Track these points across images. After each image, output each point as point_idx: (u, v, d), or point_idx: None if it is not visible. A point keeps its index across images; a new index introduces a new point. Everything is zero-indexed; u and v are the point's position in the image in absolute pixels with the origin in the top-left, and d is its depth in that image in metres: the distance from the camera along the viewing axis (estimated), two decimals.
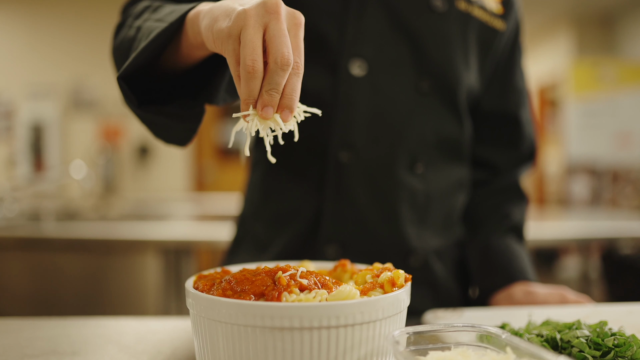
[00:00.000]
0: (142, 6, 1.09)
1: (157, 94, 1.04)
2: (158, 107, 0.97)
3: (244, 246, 1.38)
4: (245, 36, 0.73)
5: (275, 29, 0.73)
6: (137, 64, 0.92)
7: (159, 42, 0.91)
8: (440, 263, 1.33)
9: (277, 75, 0.72)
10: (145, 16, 1.04)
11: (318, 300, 0.70)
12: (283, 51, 0.72)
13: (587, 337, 0.84)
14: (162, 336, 1.02)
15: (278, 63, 0.72)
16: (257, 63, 0.72)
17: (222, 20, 0.77)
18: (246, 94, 0.73)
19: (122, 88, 0.93)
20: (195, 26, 0.87)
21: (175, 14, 0.92)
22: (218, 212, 4.65)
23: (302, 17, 0.77)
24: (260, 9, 0.74)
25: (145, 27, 0.98)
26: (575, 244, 4.72)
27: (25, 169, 7.70)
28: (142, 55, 0.91)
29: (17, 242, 3.19)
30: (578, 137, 7.90)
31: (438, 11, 1.25)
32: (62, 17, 7.74)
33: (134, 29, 1.04)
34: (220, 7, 0.81)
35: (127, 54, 1.02)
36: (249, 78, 0.72)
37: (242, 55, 0.72)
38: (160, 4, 1.07)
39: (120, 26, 1.14)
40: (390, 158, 1.24)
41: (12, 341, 0.98)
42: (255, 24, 0.73)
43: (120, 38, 1.09)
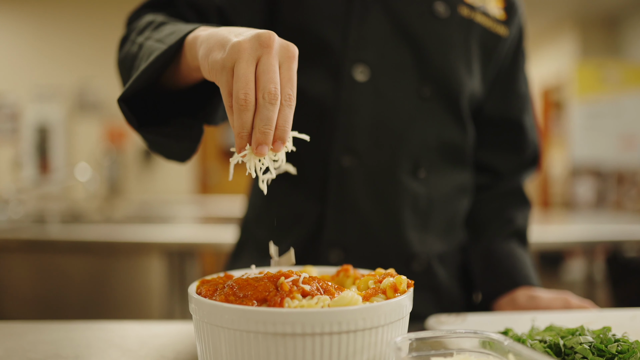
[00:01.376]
0: (146, 21, 1.11)
1: (157, 111, 1.05)
2: (158, 128, 0.99)
3: (247, 250, 1.38)
4: (238, 70, 0.74)
5: (265, 64, 0.74)
6: (137, 86, 0.93)
7: (157, 65, 0.92)
8: (443, 268, 1.33)
9: (266, 110, 0.73)
10: (146, 33, 1.05)
11: (320, 306, 0.70)
12: (269, 87, 0.73)
13: (590, 343, 0.84)
14: (165, 340, 1.02)
15: (266, 98, 0.73)
16: (249, 96, 0.73)
17: (217, 51, 0.79)
18: (239, 126, 0.74)
19: (122, 110, 0.95)
20: (192, 51, 0.88)
21: (174, 36, 0.93)
22: (222, 215, 4.65)
23: (296, 50, 0.78)
24: (254, 42, 0.75)
25: (146, 46, 1.00)
26: (580, 247, 4.70)
27: (30, 171, 7.72)
28: (142, 78, 0.92)
29: (22, 244, 3.19)
30: (582, 139, 7.88)
31: (440, 17, 1.25)
32: (67, 19, 7.76)
33: (136, 45, 1.05)
34: (216, 36, 0.82)
35: (130, 70, 1.03)
36: (242, 111, 0.73)
37: (234, 88, 0.74)
38: (163, 20, 1.08)
39: (124, 39, 1.15)
40: (393, 163, 1.24)
41: (15, 344, 0.98)
42: (249, 57, 0.74)
43: (124, 52, 1.10)
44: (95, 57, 7.66)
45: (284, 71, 0.76)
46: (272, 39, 0.75)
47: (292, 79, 0.77)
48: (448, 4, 1.26)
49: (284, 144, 0.76)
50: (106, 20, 7.57)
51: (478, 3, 1.30)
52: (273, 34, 0.76)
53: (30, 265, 3.22)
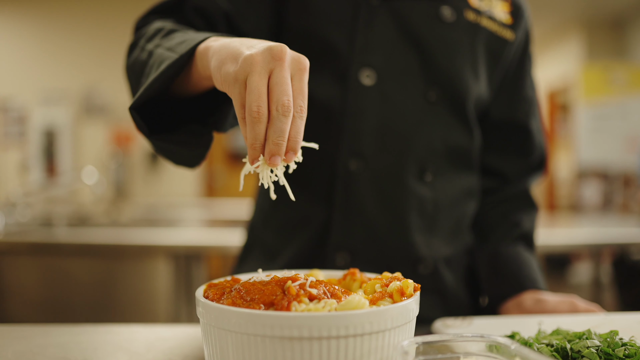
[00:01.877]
0: (155, 28, 1.12)
1: (166, 118, 1.06)
2: (168, 136, 1.00)
3: (253, 253, 1.38)
4: (251, 82, 0.75)
5: (278, 77, 0.75)
6: (148, 94, 0.94)
7: (169, 74, 0.93)
8: (450, 271, 1.33)
9: (280, 122, 0.74)
10: (156, 41, 1.06)
11: (327, 310, 0.70)
12: (283, 99, 0.74)
13: (597, 347, 0.84)
14: (172, 343, 1.03)
15: (279, 110, 0.74)
16: (262, 109, 0.74)
17: (230, 63, 0.79)
18: (252, 138, 0.75)
19: (134, 117, 0.97)
20: (204, 61, 0.89)
21: (185, 45, 0.94)
22: (229, 218, 4.66)
23: (307, 62, 0.79)
24: (267, 54, 0.76)
25: (156, 54, 1.01)
26: (587, 250, 4.69)
27: (37, 174, 7.75)
28: (153, 86, 0.94)
29: (30, 247, 3.21)
30: (589, 141, 7.86)
31: (447, 21, 1.25)
32: (74, 23, 7.79)
33: (145, 52, 1.06)
34: (228, 48, 0.83)
35: (139, 77, 1.04)
36: (255, 123, 0.74)
37: (247, 101, 0.75)
38: (172, 28, 1.09)
39: (133, 45, 1.16)
40: (399, 166, 1.24)
41: (24, 347, 0.98)
42: (262, 70, 0.75)
43: (133, 59, 1.11)
44: (102, 61, 7.68)
45: (296, 83, 0.78)
46: (284, 52, 0.76)
47: (303, 91, 0.78)
48: (454, 9, 1.26)
49: (295, 155, 0.77)
50: (113, 24, 7.60)
51: (484, 7, 1.30)
52: (285, 46, 0.77)
53: (37, 268, 3.23)
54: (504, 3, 1.34)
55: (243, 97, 0.77)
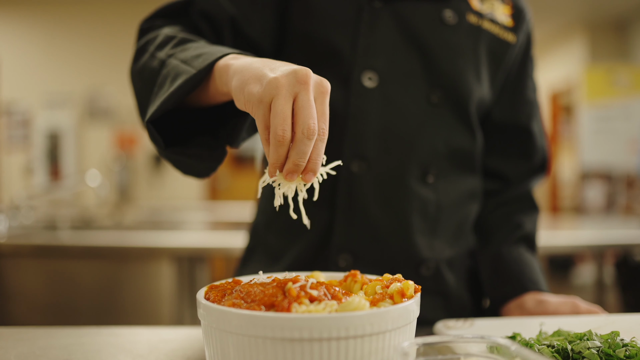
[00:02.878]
0: (165, 35, 1.12)
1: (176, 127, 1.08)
2: (182, 149, 1.02)
3: (256, 256, 1.39)
4: (276, 106, 0.76)
5: (303, 100, 0.77)
6: (164, 108, 0.95)
7: (186, 89, 0.94)
8: (452, 272, 1.33)
9: (303, 145, 0.76)
10: (168, 49, 1.07)
11: (328, 311, 0.70)
12: (309, 123, 0.76)
13: (598, 348, 0.84)
14: (174, 345, 1.03)
15: (305, 133, 0.76)
16: (286, 133, 0.76)
17: (253, 85, 0.81)
18: (275, 159, 0.78)
19: (150, 132, 0.98)
20: (223, 78, 0.90)
21: (202, 60, 0.95)
22: (232, 220, 4.67)
23: (329, 85, 0.81)
24: (292, 78, 0.77)
25: (170, 66, 1.01)
26: (590, 251, 4.68)
27: (41, 177, 7.77)
28: (170, 100, 0.95)
29: (33, 249, 3.21)
30: (592, 143, 7.85)
31: (449, 24, 1.26)
32: (78, 27, 7.82)
33: (157, 60, 1.07)
34: (250, 69, 0.84)
35: (150, 86, 1.05)
36: (279, 145, 0.76)
37: (272, 124, 0.76)
38: (184, 37, 1.09)
39: (141, 50, 1.16)
40: (402, 169, 1.25)
41: (27, 350, 0.99)
42: (287, 94, 0.77)
43: (142, 64, 1.11)
44: (105, 64, 7.71)
45: (318, 106, 0.79)
46: (308, 76, 0.78)
47: (325, 114, 0.80)
48: (456, 12, 1.27)
49: (314, 175, 0.80)
50: (117, 28, 7.62)
51: (486, 10, 1.31)
52: (309, 70, 0.79)
53: (41, 271, 3.24)
54: (505, 6, 1.35)
55: (267, 119, 0.79)
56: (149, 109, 1.01)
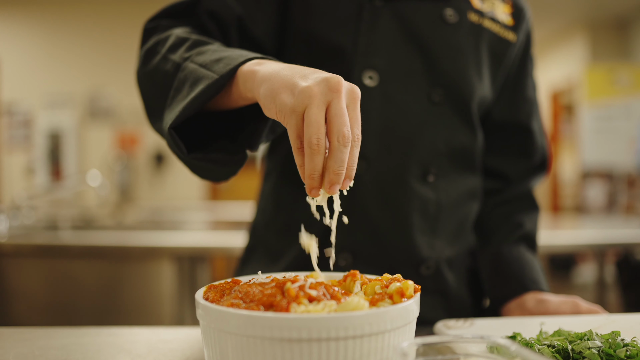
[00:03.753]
0: (177, 36, 1.10)
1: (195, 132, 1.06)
2: (204, 155, 1.00)
3: (256, 255, 1.38)
4: (310, 115, 0.76)
5: (337, 108, 0.77)
6: (187, 114, 0.94)
7: (209, 94, 0.93)
8: (452, 272, 1.33)
9: (340, 153, 0.76)
10: (182, 52, 1.05)
11: (327, 311, 0.70)
12: (343, 130, 0.76)
13: (599, 348, 0.84)
14: (174, 345, 1.03)
15: (340, 141, 0.76)
16: (321, 141, 0.76)
17: (285, 94, 0.80)
18: (311, 169, 0.78)
19: (173, 138, 0.96)
20: (248, 84, 0.90)
21: (224, 63, 0.94)
22: (232, 220, 4.66)
23: (359, 91, 0.81)
24: (324, 87, 0.77)
25: (188, 69, 1.00)
26: (591, 250, 4.68)
27: (42, 177, 7.78)
28: (192, 107, 0.94)
29: (34, 249, 3.21)
30: (593, 142, 7.85)
31: (450, 22, 1.25)
32: (79, 27, 7.82)
33: (170, 63, 1.05)
34: (279, 77, 0.83)
35: (165, 90, 1.04)
36: (314, 154, 0.77)
37: (306, 132, 0.76)
38: (197, 39, 1.08)
39: (151, 52, 1.13)
40: (402, 168, 1.24)
41: (26, 350, 0.99)
42: (320, 102, 0.77)
43: (153, 67, 1.10)
44: (106, 65, 7.71)
45: (351, 112, 0.79)
46: (340, 84, 0.78)
47: (358, 120, 0.80)
48: (457, 10, 1.26)
49: (351, 182, 0.81)
50: (118, 28, 7.62)
51: (486, 9, 1.30)
52: (340, 78, 0.78)
53: (42, 271, 3.24)
54: (505, 5, 1.34)
55: (299, 128, 0.79)
56: (166, 114, 1.00)
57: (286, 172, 1.33)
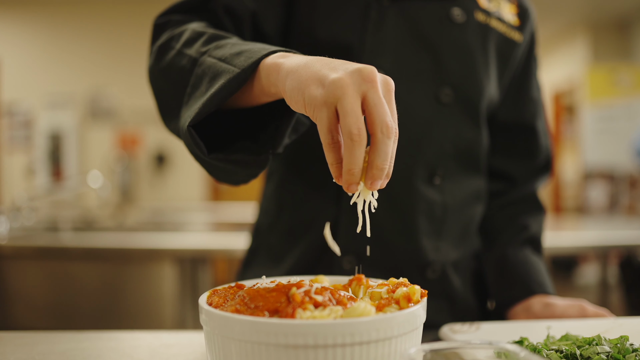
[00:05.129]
0: (192, 30, 1.06)
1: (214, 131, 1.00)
2: (225, 155, 0.94)
3: (258, 257, 1.37)
4: (345, 105, 0.71)
5: (375, 98, 0.72)
6: (207, 111, 0.88)
7: (230, 89, 0.88)
8: (458, 275, 1.31)
9: (385, 146, 0.72)
10: (199, 46, 1.00)
11: (332, 317, 0.69)
12: (386, 120, 0.72)
13: (607, 353, 0.83)
14: (176, 350, 1.02)
15: (385, 132, 0.72)
16: (362, 131, 0.71)
17: (314, 86, 0.75)
18: (352, 162, 0.72)
19: (192, 137, 0.90)
20: (272, 78, 0.84)
21: (245, 57, 0.89)
22: (234, 221, 4.66)
23: (393, 83, 0.77)
24: (357, 77, 0.72)
25: (206, 64, 0.95)
26: (593, 252, 4.68)
27: (43, 178, 7.78)
28: (212, 103, 0.88)
29: (35, 251, 3.21)
30: (595, 143, 7.85)
31: (457, 22, 1.24)
32: (80, 27, 7.82)
33: (186, 58, 1.00)
34: (307, 69, 0.78)
35: (182, 87, 0.99)
36: (355, 147, 0.71)
37: (345, 123, 0.71)
38: (215, 33, 1.03)
39: (164, 47, 1.09)
40: (409, 170, 1.23)
41: (26, 355, 0.98)
42: (354, 92, 0.72)
43: (167, 63, 1.05)
44: (107, 65, 7.71)
45: (388, 104, 0.74)
46: (374, 73, 0.73)
47: (395, 112, 0.75)
48: (464, 10, 1.25)
49: (388, 179, 0.76)
50: (119, 28, 7.63)
51: (493, 9, 1.29)
52: (374, 68, 0.74)
53: (42, 273, 3.23)
54: (511, 5, 1.33)
55: (331, 122, 0.74)
56: (183, 112, 0.95)
57: (290, 173, 1.32)
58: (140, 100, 7.24)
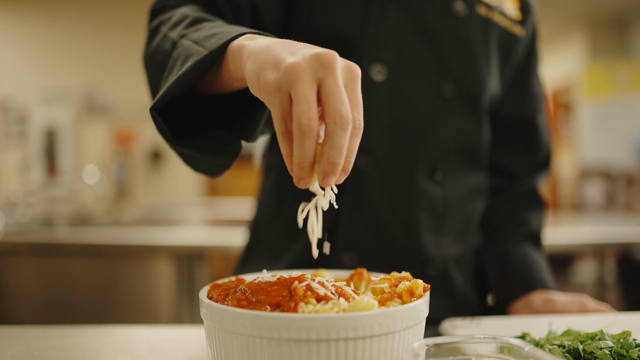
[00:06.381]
0: (180, 14, 1.03)
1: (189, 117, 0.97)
2: (192, 142, 0.91)
3: (257, 253, 1.36)
4: (298, 92, 0.65)
5: (331, 85, 0.66)
6: (172, 94, 0.85)
7: (196, 72, 0.84)
8: (458, 271, 1.31)
9: (338, 137, 0.65)
10: (180, 29, 0.97)
11: (335, 311, 0.68)
12: (341, 110, 0.65)
13: (610, 348, 0.82)
14: (175, 345, 1.01)
15: (337, 123, 0.65)
16: (313, 121, 0.65)
17: (270, 70, 0.70)
18: (301, 155, 0.67)
19: (155, 120, 0.86)
20: (237, 61, 0.80)
21: (216, 39, 0.85)
22: (231, 217, 4.65)
23: (359, 70, 0.70)
24: (314, 62, 0.67)
25: (182, 47, 0.92)
26: (590, 249, 4.68)
27: (38, 173, 7.75)
28: (177, 85, 0.85)
29: (30, 247, 3.19)
30: (592, 140, 7.85)
31: (459, 16, 1.23)
32: (75, 22, 7.79)
33: (169, 41, 0.98)
34: (267, 52, 0.73)
35: (161, 71, 0.96)
36: (305, 138, 0.65)
37: (296, 112, 0.66)
38: (198, 16, 1.00)
39: (154, 31, 1.07)
40: (410, 165, 1.22)
41: (23, 350, 0.97)
42: (309, 78, 0.66)
43: (155, 46, 1.03)
44: (103, 60, 7.69)
45: (350, 93, 0.68)
46: (334, 58, 0.67)
47: (359, 103, 0.69)
48: (467, 3, 1.24)
49: (346, 176, 0.70)
50: (114, 23, 7.60)
51: (495, 3, 1.28)
52: (335, 53, 0.68)
53: (38, 269, 3.22)
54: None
55: (285, 110, 0.68)
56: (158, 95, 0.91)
57: None
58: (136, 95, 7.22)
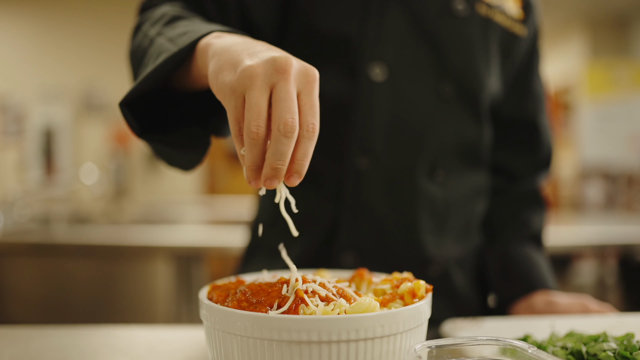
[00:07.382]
0: (161, 12, 1.04)
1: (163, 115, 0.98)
2: (160, 137, 0.92)
3: (258, 254, 1.35)
4: (250, 98, 0.67)
5: (281, 92, 0.67)
6: (142, 89, 0.86)
7: (165, 69, 0.85)
8: (460, 272, 1.30)
9: (280, 144, 0.66)
10: (158, 27, 0.98)
11: (337, 312, 0.67)
12: (286, 118, 0.66)
13: (614, 350, 0.82)
14: (174, 346, 1.00)
15: (281, 130, 0.66)
16: (260, 129, 0.66)
17: (227, 72, 0.71)
18: (250, 160, 0.68)
19: (124, 114, 0.87)
20: (203, 59, 0.81)
21: (187, 37, 0.86)
22: (230, 217, 4.64)
23: (316, 73, 0.71)
24: (269, 67, 0.68)
25: (156, 44, 0.93)
26: (590, 250, 4.67)
27: (36, 173, 7.73)
28: (148, 81, 0.86)
29: (28, 246, 3.19)
30: (592, 140, 7.84)
31: (459, 15, 1.22)
32: (73, 20, 7.77)
33: (147, 38, 0.98)
34: (228, 52, 0.74)
35: (139, 67, 0.97)
36: (252, 144, 0.67)
37: (246, 118, 0.67)
38: (176, 14, 1.01)
39: (137, 30, 1.08)
40: (410, 165, 1.21)
41: (21, 351, 0.96)
42: (262, 84, 0.67)
43: (136, 44, 1.03)
44: (101, 58, 7.67)
45: (304, 97, 0.69)
46: (288, 64, 0.68)
47: (314, 106, 0.69)
48: (467, 2, 1.23)
49: (300, 178, 0.70)
50: (112, 21, 7.58)
51: (496, 2, 1.27)
52: (290, 57, 0.69)
53: (36, 268, 3.21)
54: None
55: (238, 112, 0.69)
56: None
57: None
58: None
